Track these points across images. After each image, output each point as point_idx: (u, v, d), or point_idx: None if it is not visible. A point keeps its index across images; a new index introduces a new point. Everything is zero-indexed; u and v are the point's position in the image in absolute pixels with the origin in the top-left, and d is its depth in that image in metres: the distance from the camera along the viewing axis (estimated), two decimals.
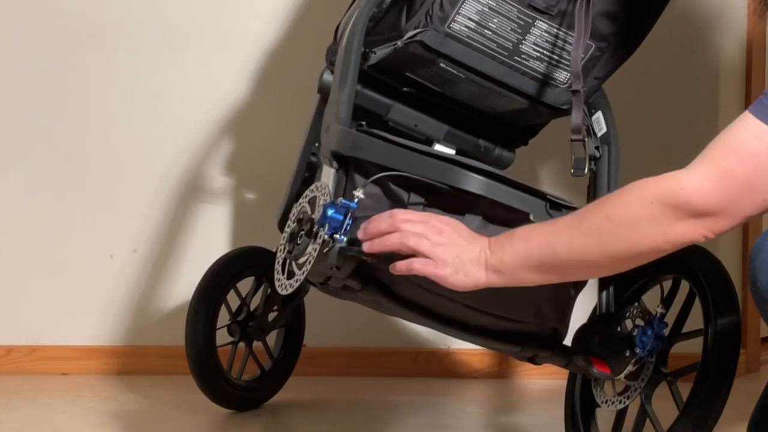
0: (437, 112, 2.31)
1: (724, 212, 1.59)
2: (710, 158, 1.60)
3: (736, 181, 1.57)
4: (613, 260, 1.66)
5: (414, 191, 1.95)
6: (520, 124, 2.36)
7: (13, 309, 2.92)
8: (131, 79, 2.90)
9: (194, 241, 2.91)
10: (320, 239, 1.86)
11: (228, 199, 2.91)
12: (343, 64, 2.09)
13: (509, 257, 1.71)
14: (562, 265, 1.69)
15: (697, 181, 1.58)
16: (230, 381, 2.56)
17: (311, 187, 1.99)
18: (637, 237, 1.62)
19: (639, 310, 2.09)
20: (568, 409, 2.21)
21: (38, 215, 2.91)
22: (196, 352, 2.50)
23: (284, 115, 2.88)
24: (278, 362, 2.64)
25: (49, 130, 2.90)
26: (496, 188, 1.95)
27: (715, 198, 1.58)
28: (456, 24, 2.12)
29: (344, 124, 2.03)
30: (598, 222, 1.63)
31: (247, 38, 2.89)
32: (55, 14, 2.88)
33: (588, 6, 2.11)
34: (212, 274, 2.55)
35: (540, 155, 2.81)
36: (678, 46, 2.86)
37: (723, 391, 1.95)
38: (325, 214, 1.85)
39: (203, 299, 2.53)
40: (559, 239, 1.67)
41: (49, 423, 2.52)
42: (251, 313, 2.58)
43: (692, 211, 1.59)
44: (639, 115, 2.85)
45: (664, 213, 1.60)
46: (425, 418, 2.65)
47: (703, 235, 1.60)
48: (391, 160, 1.95)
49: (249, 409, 2.60)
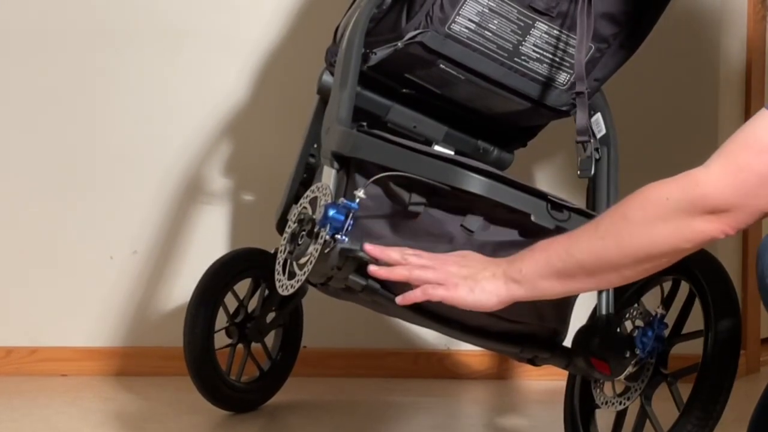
0: (436, 114, 2.30)
1: (742, 207, 1.58)
2: (726, 153, 1.59)
3: (754, 176, 1.56)
4: (634, 261, 1.64)
5: (415, 192, 1.95)
6: (519, 126, 2.35)
7: (13, 310, 2.92)
8: (131, 79, 2.90)
9: (194, 243, 2.91)
10: (321, 240, 1.86)
11: (229, 200, 2.91)
12: (343, 64, 2.09)
13: (528, 267, 1.69)
14: (582, 270, 1.68)
15: (714, 176, 1.58)
16: (228, 383, 2.55)
17: (312, 187, 1.99)
18: (655, 235, 1.61)
19: (639, 312, 2.09)
20: (568, 410, 2.21)
21: (38, 216, 2.91)
22: (195, 355, 2.50)
23: (284, 116, 2.87)
24: (276, 363, 2.64)
25: (48, 130, 2.90)
26: (498, 189, 1.95)
27: (732, 193, 1.57)
28: (456, 25, 2.11)
29: (345, 124, 2.02)
30: (614, 222, 1.63)
31: (245, 40, 2.89)
32: (54, 14, 2.88)
33: (590, 7, 2.11)
34: (210, 276, 2.55)
35: (538, 156, 2.81)
36: (678, 48, 2.86)
37: (724, 391, 1.96)
38: (327, 214, 1.85)
39: (201, 301, 2.52)
40: (577, 244, 1.66)
41: (48, 424, 2.52)
42: (249, 315, 2.58)
43: (709, 207, 1.58)
44: (640, 116, 2.85)
45: (681, 209, 1.59)
46: (425, 419, 2.65)
47: (723, 231, 1.59)
48: (392, 160, 1.94)
49: (247, 410, 2.59)
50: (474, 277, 1.71)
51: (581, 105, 2.12)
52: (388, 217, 1.96)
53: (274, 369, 2.64)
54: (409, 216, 1.95)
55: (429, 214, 1.95)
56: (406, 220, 1.96)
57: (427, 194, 1.95)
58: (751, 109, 2.93)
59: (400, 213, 1.96)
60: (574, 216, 2.00)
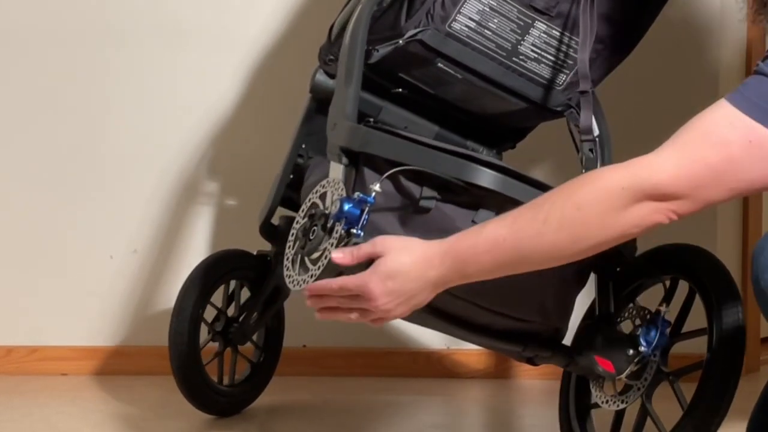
0: (428, 113, 2.30)
1: (692, 197, 1.58)
2: (682, 143, 1.59)
3: (707, 169, 1.57)
4: (585, 251, 1.63)
5: (426, 187, 1.94)
6: (511, 126, 2.35)
7: (13, 309, 2.92)
8: (130, 79, 2.90)
9: (194, 242, 2.91)
10: (337, 234, 1.84)
11: (229, 198, 2.91)
12: (348, 60, 2.08)
13: (473, 269, 1.66)
14: (530, 264, 1.66)
15: (668, 166, 1.58)
16: (216, 388, 2.51)
17: (322, 182, 1.97)
18: (610, 226, 1.60)
19: (637, 310, 2.09)
20: (563, 410, 2.21)
21: (38, 216, 2.91)
22: (181, 361, 2.45)
23: (281, 115, 2.87)
24: (259, 366, 2.61)
25: (48, 129, 2.90)
26: (510, 184, 1.94)
27: (684, 184, 1.57)
28: (457, 23, 2.12)
29: (352, 120, 2.02)
30: (566, 213, 1.60)
31: (238, 39, 2.89)
32: (53, 14, 2.89)
33: (593, 7, 2.11)
34: (192, 282, 2.48)
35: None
36: (677, 51, 2.86)
37: (729, 389, 1.95)
38: (342, 208, 1.83)
39: (182, 310, 2.46)
40: (527, 241, 1.62)
41: (48, 423, 2.52)
42: (232, 318, 2.53)
43: (661, 195, 1.58)
44: (638, 118, 2.85)
45: (634, 198, 1.58)
46: (424, 418, 2.65)
47: (668, 217, 1.60)
48: (403, 155, 1.93)
49: (232, 414, 2.56)
50: (405, 305, 1.69)
51: (585, 104, 2.12)
52: (397, 212, 1.95)
53: (257, 371, 2.61)
54: (420, 211, 1.95)
55: (440, 210, 1.95)
56: (416, 216, 1.95)
57: (438, 189, 1.94)
58: None
59: (410, 208, 1.95)
60: None
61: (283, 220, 2.44)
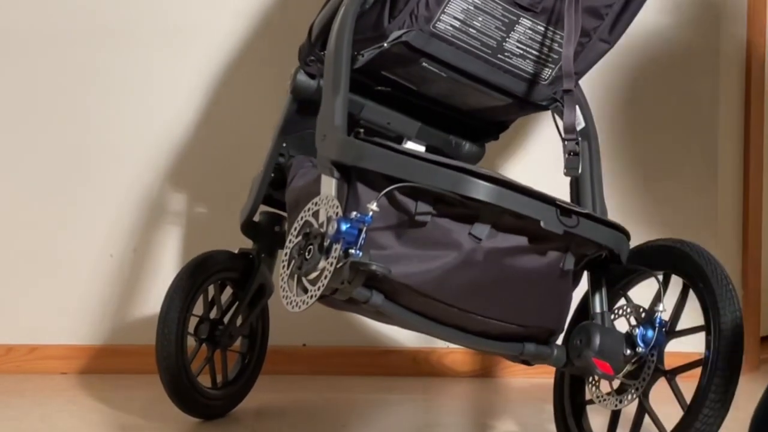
0: (410, 110, 2.29)
1: None
2: None
3: None
4: None
5: (422, 200, 1.92)
6: (494, 120, 2.34)
7: (12, 308, 2.92)
8: (132, 79, 2.90)
9: (195, 240, 2.91)
10: (335, 255, 1.82)
11: (229, 197, 2.91)
12: (334, 69, 2.03)
13: None
14: None
15: None
16: (202, 391, 2.48)
17: (314, 200, 1.94)
18: None
19: (630, 308, 2.08)
20: (558, 407, 2.21)
21: (37, 215, 2.91)
22: (168, 363, 2.41)
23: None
24: (245, 366, 2.57)
25: (48, 128, 2.90)
26: (507, 195, 1.92)
27: None
28: (441, 23, 2.10)
29: (342, 131, 1.98)
30: None
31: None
32: (52, 14, 2.89)
33: (578, 3, 2.11)
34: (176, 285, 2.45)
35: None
36: (678, 48, 2.86)
37: (731, 387, 1.94)
38: (340, 229, 1.81)
39: (171, 314, 2.42)
40: None
41: (48, 422, 2.52)
42: (215, 321, 2.50)
43: None
44: (639, 116, 2.85)
45: None
46: (424, 417, 2.65)
47: None
48: (398, 169, 1.91)
49: (218, 417, 2.53)
50: None
51: (569, 103, 2.10)
52: (393, 227, 1.92)
53: (244, 372, 2.57)
54: (416, 225, 1.92)
55: (436, 224, 1.93)
56: (413, 230, 1.92)
57: (434, 203, 1.92)
58: (750, 109, 2.93)
59: (405, 223, 1.92)
60: (583, 221, 1.99)
61: (264, 216, 2.43)
